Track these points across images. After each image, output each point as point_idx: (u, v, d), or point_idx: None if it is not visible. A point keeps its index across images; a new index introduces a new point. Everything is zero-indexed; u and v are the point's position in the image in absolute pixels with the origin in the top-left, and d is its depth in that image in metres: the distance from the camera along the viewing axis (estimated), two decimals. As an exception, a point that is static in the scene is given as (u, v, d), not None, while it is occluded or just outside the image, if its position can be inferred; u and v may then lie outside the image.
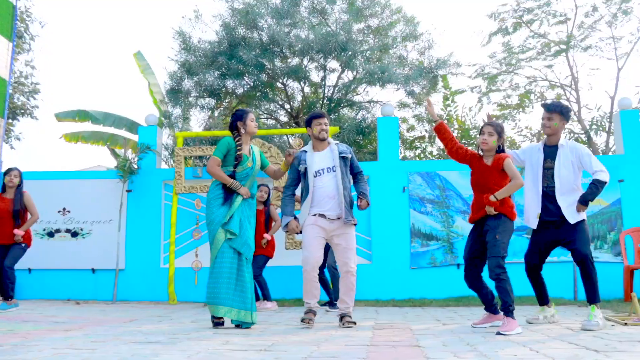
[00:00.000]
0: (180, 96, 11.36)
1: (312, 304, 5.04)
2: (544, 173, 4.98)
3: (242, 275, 4.88)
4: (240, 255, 4.93)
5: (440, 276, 9.19)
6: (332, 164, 5.04)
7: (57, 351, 3.15)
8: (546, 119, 5.01)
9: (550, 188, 4.91)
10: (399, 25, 12.04)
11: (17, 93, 16.71)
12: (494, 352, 3.17)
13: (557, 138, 5.02)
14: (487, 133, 4.81)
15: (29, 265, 9.71)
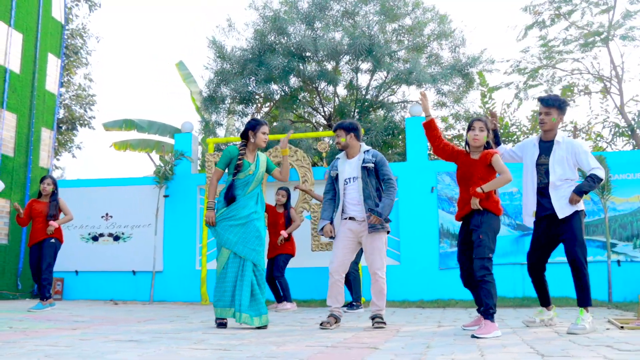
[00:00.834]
0: (215, 103, 11.72)
1: (333, 307, 5.11)
2: (539, 169, 4.87)
3: (246, 280, 5.04)
4: (245, 262, 5.08)
5: (470, 277, 9.06)
6: (356, 174, 5.13)
7: (35, 347, 3.42)
8: (544, 114, 4.86)
9: (544, 184, 4.79)
10: (431, 24, 11.95)
11: (76, 105, 17.64)
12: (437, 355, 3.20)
13: (553, 133, 4.87)
14: (478, 128, 4.75)
15: (76, 267, 10.30)
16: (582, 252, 4.61)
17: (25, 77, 10.31)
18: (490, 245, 4.52)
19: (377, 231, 5.00)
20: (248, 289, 5.02)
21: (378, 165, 5.11)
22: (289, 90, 11.60)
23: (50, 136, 11.03)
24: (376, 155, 5.18)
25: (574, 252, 4.58)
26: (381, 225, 4.98)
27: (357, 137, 5.27)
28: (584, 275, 4.56)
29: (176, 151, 10.11)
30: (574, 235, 4.64)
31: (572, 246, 4.60)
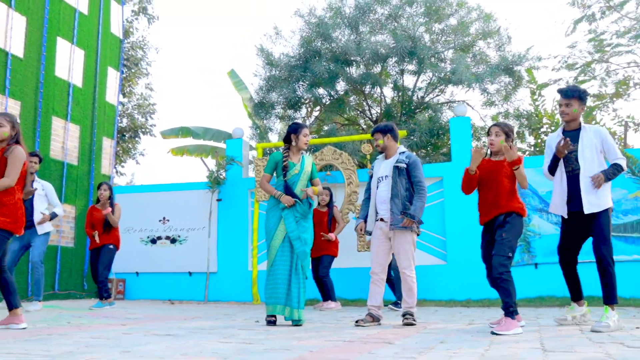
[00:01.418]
0: (265, 109, 12.09)
1: (370, 306, 5.29)
2: (568, 157, 4.85)
3: (292, 277, 5.29)
4: (292, 260, 5.32)
5: (517, 276, 8.93)
6: (387, 173, 5.32)
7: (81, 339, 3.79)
8: (564, 106, 4.84)
9: (575, 171, 4.76)
10: (476, 23, 11.92)
11: (138, 114, 18.49)
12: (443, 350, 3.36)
13: (576, 123, 4.85)
14: (494, 133, 4.85)
15: (136, 269, 10.89)
16: (608, 249, 4.61)
17: (87, 90, 10.98)
18: (512, 245, 4.60)
19: (402, 230, 5.14)
20: (294, 286, 5.26)
21: (410, 167, 5.24)
22: (336, 94, 11.84)
23: (111, 145, 11.69)
24: (410, 157, 5.32)
25: (600, 249, 4.59)
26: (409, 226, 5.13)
27: (394, 137, 5.45)
28: (609, 272, 4.57)
29: (227, 157, 10.52)
30: (602, 232, 4.64)
31: (599, 243, 4.61)
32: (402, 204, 5.16)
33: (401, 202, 5.17)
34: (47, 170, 9.66)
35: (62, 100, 10.32)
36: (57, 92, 10.20)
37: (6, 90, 9.05)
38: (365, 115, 12.90)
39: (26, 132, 9.38)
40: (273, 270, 5.30)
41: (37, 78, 9.73)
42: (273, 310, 5.25)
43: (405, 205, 5.16)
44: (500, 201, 4.74)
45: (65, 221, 10.27)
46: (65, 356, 3.02)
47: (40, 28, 9.85)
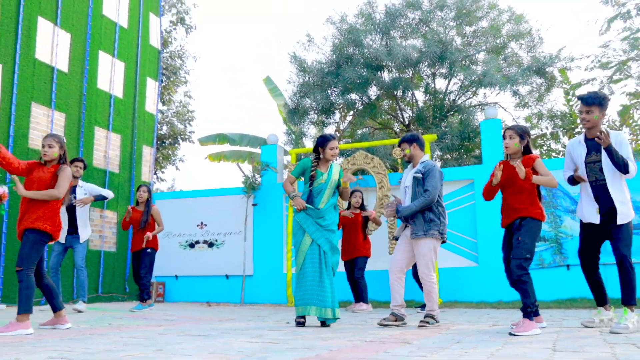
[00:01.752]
0: (299, 115, 12.35)
1: (392, 306, 5.47)
2: (590, 167, 4.92)
3: (322, 278, 5.50)
4: (321, 261, 5.53)
5: (550, 277, 9.06)
6: (409, 183, 5.53)
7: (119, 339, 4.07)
8: (585, 113, 4.89)
9: (600, 181, 4.82)
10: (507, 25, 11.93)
11: (177, 121, 19.01)
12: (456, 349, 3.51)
13: (597, 130, 4.89)
14: (509, 137, 4.96)
15: (176, 272, 11.28)
16: (629, 253, 4.68)
17: (127, 100, 11.43)
18: (530, 248, 4.70)
19: (421, 237, 5.31)
20: (325, 287, 5.46)
21: (425, 176, 5.40)
22: (368, 99, 12.02)
23: (150, 153, 12.13)
24: (427, 166, 5.47)
25: (624, 253, 4.66)
26: (424, 233, 5.28)
27: (420, 146, 5.63)
28: (630, 274, 4.64)
29: (262, 162, 10.82)
30: (624, 236, 4.71)
31: (621, 247, 4.67)
32: (422, 213, 5.33)
33: (422, 212, 5.33)
34: (90, 178, 10.10)
35: (104, 111, 10.78)
36: (99, 103, 10.66)
37: (52, 103, 9.53)
38: (397, 119, 13.03)
39: (70, 143, 9.84)
40: (302, 274, 5.51)
41: (81, 91, 10.19)
42: (303, 311, 5.45)
43: (425, 215, 5.32)
44: (519, 205, 4.85)
45: (107, 227, 10.72)
46: (103, 353, 3.29)
47: (84, 43, 10.32)
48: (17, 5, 8.94)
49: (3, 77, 8.50)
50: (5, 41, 8.72)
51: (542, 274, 9.09)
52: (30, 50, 9.16)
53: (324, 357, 3.17)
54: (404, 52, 10.79)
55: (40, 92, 9.35)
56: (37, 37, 9.30)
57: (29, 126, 9.11)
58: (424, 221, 5.31)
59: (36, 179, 4.96)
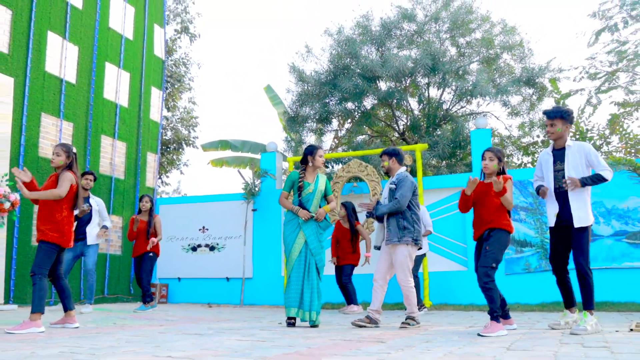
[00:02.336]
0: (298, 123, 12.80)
1: (369, 309, 5.88)
2: (555, 175, 5.33)
3: (304, 284, 5.93)
4: (308, 268, 5.97)
5: (535, 282, 9.44)
6: (386, 195, 5.96)
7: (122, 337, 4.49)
8: (549, 126, 5.33)
9: (562, 188, 5.23)
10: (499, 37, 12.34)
11: (182, 126, 19.49)
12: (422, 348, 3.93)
13: (563, 141, 5.32)
14: (488, 158, 5.36)
15: (178, 274, 11.72)
16: (586, 261, 5.08)
17: (132, 109, 11.90)
18: (496, 257, 5.10)
19: (395, 244, 5.73)
20: (315, 291, 5.90)
21: (397, 186, 5.82)
22: (365, 108, 12.45)
23: (154, 159, 12.58)
24: (399, 176, 5.91)
25: (579, 260, 5.07)
26: (398, 239, 5.70)
27: (398, 161, 6.05)
28: (588, 281, 5.05)
29: (261, 170, 11.25)
30: (581, 247, 5.11)
31: (578, 256, 5.09)
32: (396, 221, 5.75)
33: (395, 220, 5.75)
34: (97, 185, 10.56)
35: (110, 120, 11.25)
36: (106, 112, 11.13)
37: (61, 114, 9.99)
38: (393, 127, 13.46)
39: (78, 150, 10.30)
40: (290, 279, 5.94)
41: (88, 101, 10.66)
42: (289, 312, 5.89)
43: (399, 223, 5.73)
44: (488, 217, 5.24)
45: (113, 231, 11.17)
46: (108, 349, 3.72)
47: (91, 55, 10.79)
48: (28, 21, 9.41)
49: (15, 90, 8.97)
50: (17, 55, 9.19)
51: (529, 278, 9.49)
52: (40, 64, 9.63)
53: (302, 353, 3.59)
54: (398, 64, 11.20)
55: (50, 103, 9.81)
56: (47, 51, 9.77)
57: (39, 135, 9.57)
58: (398, 229, 5.73)
59: (44, 186, 5.39)
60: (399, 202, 5.73)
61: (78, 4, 10.56)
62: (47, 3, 9.80)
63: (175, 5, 18.57)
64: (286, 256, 6.06)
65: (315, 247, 5.95)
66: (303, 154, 6.23)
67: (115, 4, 11.57)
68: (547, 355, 3.40)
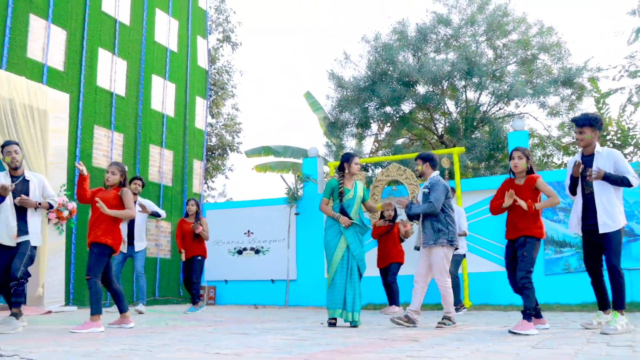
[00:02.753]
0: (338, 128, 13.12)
1: (408, 309, 6.16)
2: (586, 181, 5.47)
3: (350, 286, 6.24)
4: (350, 271, 6.27)
5: (575, 282, 9.49)
6: (420, 198, 6.24)
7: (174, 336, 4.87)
8: (578, 133, 5.49)
9: (592, 193, 5.38)
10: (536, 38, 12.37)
11: (226, 133, 20.05)
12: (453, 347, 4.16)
13: (592, 147, 5.46)
14: (517, 157, 5.56)
15: (225, 277, 12.17)
16: (617, 261, 5.22)
17: (178, 119, 12.41)
18: (532, 262, 5.34)
19: (431, 247, 5.97)
20: (357, 293, 6.21)
21: (430, 190, 6.08)
22: (403, 113, 12.68)
23: (200, 166, 13.09)
24: (432, 181, 6.17)
25: (611, 261, 5.21)
26: (434, 242, 5.94)
27: (432, 166, 6.31)
28: (619, 282, 5.19)
29: (303, 175, 11.61)
30: (611, 247, 5.25)
31: (609, 257, 5.23)
32: (431, 224, 6.00)
33: (430, 223, 6.00)
34: (146, 192, 11.08)
35: (157, 130, 11.78)
36: (153, 123, 11.66)
37: (112, 125, 10.55)
38: (431, 130, 13.64)
39: (128, 160, 10.85)
40: (334, 282, 6.25)
41: (136, 112, 11.21)
42: (333, 313, 6.19)
43: (433, 225, 5.98)
44: (523, 225, 5.44)
45: (162, 236, 11.70)
46: (162, 347, 4.09)
47: (138, 68, 11.34)
48: (81, 39, 9.98)
49: (70, 105, 9.53)
50: (71, 72, 9.77)
51: (568, 279, 9.55)
52: (92, 79, 10.20)
53: (339, 350, 3.88)
54: (435, 68, 11.39)
55: (102, 116, 10.38)
56: (98, 66, 10.34)
57: (92, 147, 10.14)
58: (433, 231, 6.00)
59: (102, 199, 5.81)
60: (432, 204, 5.98)
61: (126, 20, 11.12)
62: (97, 21, 10.38)
63: (217, 16, 19.15)
64: (328, 260, 6.36)
65: (358, 252, 6.25)
66: (340, 161, 6.53)
67: (160, 19, 12.10)
68: (568, 353, 3.60)
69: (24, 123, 8.26)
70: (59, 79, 9.49)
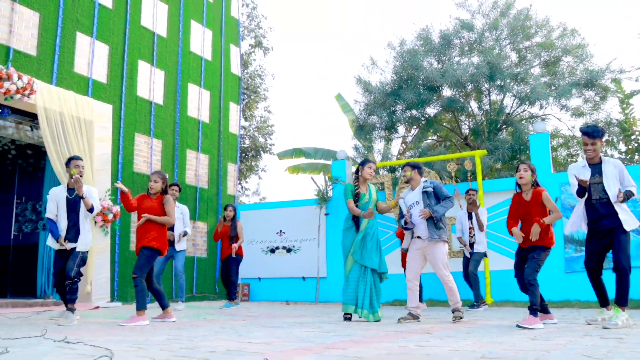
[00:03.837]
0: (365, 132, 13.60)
1: (410, 307, 6.66)
2: (595, 187, 5.85)
3: (365, 283, 6.76)
4: (365, 268, 6.80)
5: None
6: (417, 199, 6.71)
7: (210, 329, 5.44)
8: (590, 144, 5.86)
9: (604, 200, 5.74)
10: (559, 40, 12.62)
11: (259, 135, 20.70)
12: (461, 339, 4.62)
13: (598, 157, 5.87)
14: (523, 169, 5.98)
15: (259, 275, 12.78)
16: (627, 261, 5.59)
17: (213, 124, 13.06)
18: (541, 264, 5.79)
19: (436, 242, 6.46)
20: (367, 291, 6.71)
21: (436, 190, 6.59)
22: (428, 116, 13.09)
23: (234, 169, 13.72)
24: (433, 182, 6.71)
25: (621, 259, 5.58)
26: (438, 237, 6.42)
27: (420, 173, 6.86)
28: (626, 280, 5.56)
29: (332, 177, 12.14)
30: (623, 246, 5.63)
31: (620, 255, 5.60)
32: (433, 221, 6.49)
33: (432, 222, 6.50)
34: (184, 194, 11.76)
35: (194, 135, 12.44)
36: (190, 129, 12.32)
37: (151, 132, 11.24)
38: (456, 132, 14.00)
39: (167, 164, 11.53)
40: (347, 280, 6.80)
41: (174, 119, 11.88)
42: (347, 309, 6.72)
43: (437, 223, 6.48)
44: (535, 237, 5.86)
45: (199, 236, 12.36)
46: (201, 337, 4.66)
47: (175, 78, 12.01)
48: (122, 53, 10.68)
49: (113, 115, 10.23)
50: (114, 84, 10.47)
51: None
52: (133, 89, 10.89)
53: (356, 340, 4.38)
54: (459, 72, 11.76)
55: (142, 124, 11.06)
56: (138, 77, 11.03)
57: (133, 153, 10.83)
58: (435, 228, 6.51)
59: (148, 207, 6.44)
60: (452, 199, 6.60)
61: (163, 32, 11.79)
62: (137, 35, 11.06)
63: (249, 22, 19.79)
64: (344, 259, 6.89)
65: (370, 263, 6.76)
66: (358, 164, 7.07)
67: (195, 29, 12.76)
68: (560, 344, 4.04)
69: (72, 133, 8.98)
70: (102, 91, 10.19)
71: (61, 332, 5.06)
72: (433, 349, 3.81)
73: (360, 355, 3.48)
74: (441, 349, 3.81)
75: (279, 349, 3.84)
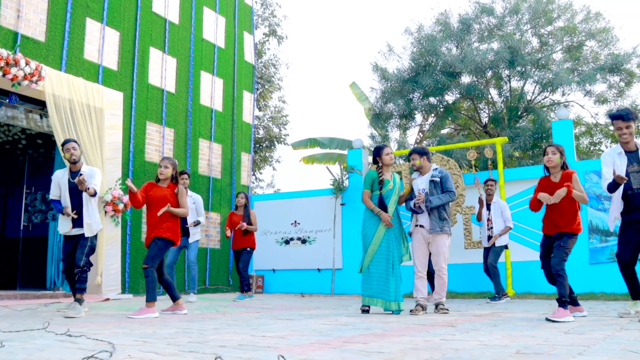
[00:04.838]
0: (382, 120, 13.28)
1: (418, 298, 6.42)
2: (634, 176, 5.50)
3: (387, 276, 6.47)
4: (388, 261, 6.50)
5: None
6: (424, 187, 6.45)
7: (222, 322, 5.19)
8: (625, 128, 5.51)
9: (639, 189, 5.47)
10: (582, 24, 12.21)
11: (273, 125, 20.44)
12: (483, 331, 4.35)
13: (634, 143, 5.53)
14: (551, 152, 5.65)
15: (273, 266, 12.54)
16: None
17: (226, 113, 12.81)
18: (568, 252, 5.45)
19: (438, 234, 6.25)
20: (389, 283, 6.43)
21: (442, 180, 6.40)
22: (447, 103, 12.75)
23: (248, 159, 13.47)
24: (442, 172, 6.49)
25: None
26: (440, 229, 6.16)
27: (428, 159, 6.64)
28: None
29: (348, 166, 11.85)
30: None
31: None
32: (438, 212, 6.24)
33: (437, 211, 6.24)
34: (197, 184, 11.53)
35: (207, 124, 12.20)
36: (202, 117, 12.09)
37: (163, 121, 11.01)
38: (475, 120, 13.63)
39: (179, 154, 11.31)
40: (368, 271, 6.49)
41: (186, 108, 11.65)
42: (369, 302, 6.45)
43: (440, 214, 6.26)
44: (561, 222, 5.53)
45: (212, 226, 12.14)
46: (213, 330, 4.42)
47: (187, 65, 11.76)
48: (133, 39, 10.45)
49: (124, 103, 10.02)
50: (125, 72, 10.25)
51: (614, 268, 9.40)
52: (144, 77, 10.66)
53: (376, 334, 4.11)
54: (478, 58, 11.41)
55: (153, 112, 10.84)
56: (149, 65, 10.79)
57: (144, 142, 10.61)
58: (439, 219, 6.32)
59: (159, 196, 6.21)
60: (453, 193, 6.41)
61: (175, 19, 11.54)
62: (148, 21, 10.83)
63: (262, 10, 19.50)
64: (364, 249, 6.58)
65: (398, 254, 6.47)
66: (373, 155, 6.75)
67: (207, 16, 12.50)
68: (597, 338, 3.74)
69: (82, 121, 8.76)
70: (113, 78, 9.97)
71: (65, 324, 4.84)
72: (461, 343, 3.53)
73: (382, 350, 3.21)
74: (469, 343, 3.53)
75: (295, 343, 3.58)
